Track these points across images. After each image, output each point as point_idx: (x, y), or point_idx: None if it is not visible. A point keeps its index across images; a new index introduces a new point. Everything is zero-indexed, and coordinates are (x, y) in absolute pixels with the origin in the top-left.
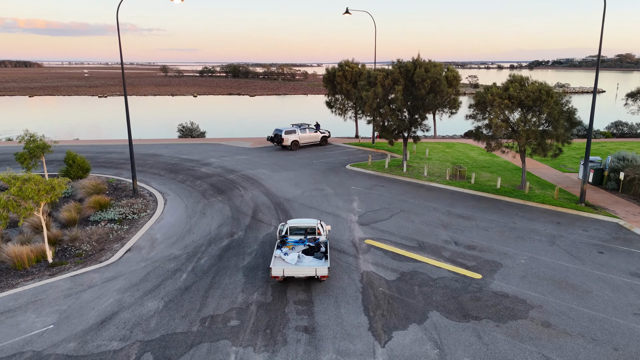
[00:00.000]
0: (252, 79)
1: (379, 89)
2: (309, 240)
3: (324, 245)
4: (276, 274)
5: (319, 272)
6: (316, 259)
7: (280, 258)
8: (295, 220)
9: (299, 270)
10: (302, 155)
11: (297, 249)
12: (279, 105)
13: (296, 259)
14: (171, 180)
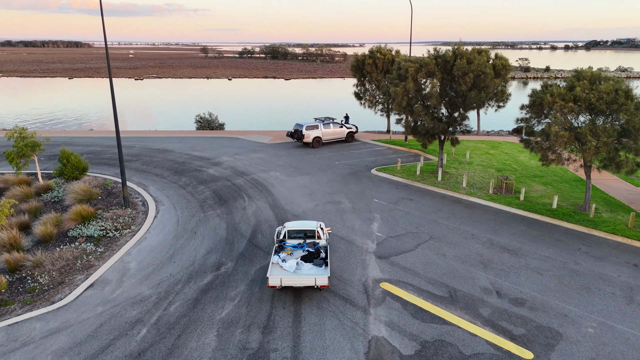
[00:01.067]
0: (290, 60)
1: (410, 84)
2: (308, 244)
3: (324, 251)
4: (273, 283)
5: (318, 281)
6: (316, 267)
7: (278, 265)
8: (294, 223)
9: (297, 280)
10: (324, 155)
11: (295, 255)
12: (312, 90)
13: (295, 267)
14: (172, 184)
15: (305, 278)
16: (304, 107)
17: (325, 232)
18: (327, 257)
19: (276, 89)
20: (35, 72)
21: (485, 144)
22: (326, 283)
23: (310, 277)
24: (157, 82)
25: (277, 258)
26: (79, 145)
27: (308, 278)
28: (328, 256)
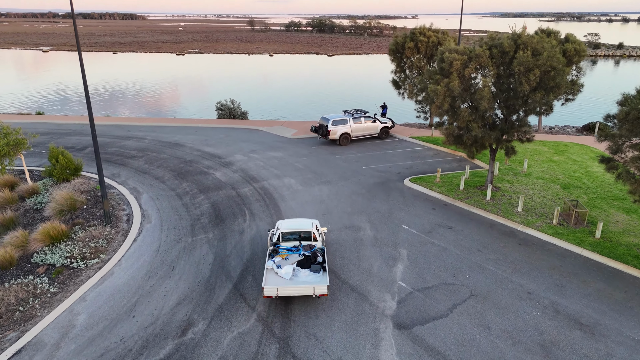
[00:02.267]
0: (337, 34)
1: (454, 82)
2: (304, 247)
3: (321, 254)
4: (269, 294)
5: (317, 290)
6: (313, 273)
7: (273, 271)
8: (288, 223)
9: (294, 289)
10: (351, 156)
11: (291, 259)
12: (354, 68)
13: (291, 273)
14: (170, 192)
15: (303, 287)
16: (341, 91)
17: (321, 232)
18: (325, 261)
19: (316, 68)
20: (83, 46)
21: (547, 147)
22: (325, 292)
23: (308, 285)
24: (196, 58)
25: (272, 263)
26: (87, 136)
27: (306, 287)
28: (326, 260)
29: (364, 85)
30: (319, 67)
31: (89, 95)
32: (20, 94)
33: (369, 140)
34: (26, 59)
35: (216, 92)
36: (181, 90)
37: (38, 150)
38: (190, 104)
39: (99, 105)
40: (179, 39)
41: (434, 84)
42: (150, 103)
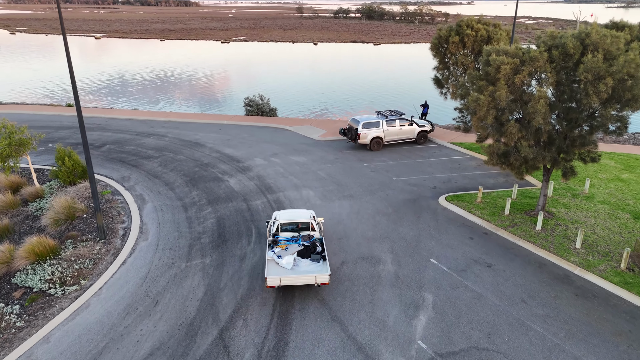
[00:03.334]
0: (386, 21)
1: (501, 91)
2: (302, 238)
3: (320, 244)
4: (272, 284)
5: (319, 279)
6: (314, 263)
7: (274, 262)
8: (286, 214)
9: (297, 279)
10: (381, 164)
11: (291, 249)
12: (399, 59)
13: (292, 263)
14: (176, 201)
15: (305, 276)
16: (381, 85)
17: (319, 222)
18: (324, 250)
19: (359, 58)
20: (134, 33)
21: (615, 161)
22: (327, 280)
23: (310, 274)
24: (240, 46)
25: (272, 254)
26: (109, 131)
27: (308, 276)
28: (325, 249)
29: (407, 79)
30: (363, 57)
31: (76, 87)
32: (58, 83)
33: (404, 145)
34: (76, 46)
35: (250, 85)
36: (215, 82)
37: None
38: (221, 97)
39: (128, 97)
40: (227, 26)
41: (477, 92)
42: (180, 95)
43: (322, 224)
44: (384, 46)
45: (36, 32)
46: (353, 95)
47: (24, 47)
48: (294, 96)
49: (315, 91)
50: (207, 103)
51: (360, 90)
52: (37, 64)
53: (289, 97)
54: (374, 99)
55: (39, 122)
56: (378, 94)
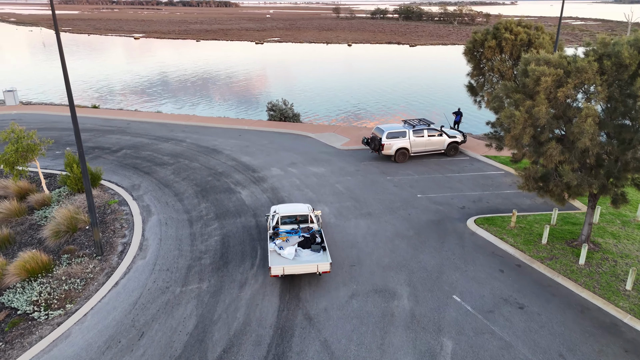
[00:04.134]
0: (425, 22)
1: (540, 107)
2: (302, 230)
3: (319, 235)
4: (276, 272)
5: (320, 268)
6: (314, 252)
7: (276, 253)
8: (285, 208)
9: (299, 268)
10: (406, 178)
11: (291, 241)
12: (434, 61)
13: (294, 253)
14: (183, 214)
15: (307, 265)
16: (414, 89)
17: (317, 215)
18: (324, 241)
19: (393, 60)
20: (171, 34)
21: None
22: (328, 269)
23: (312, 264)
24: (273, 47)
25: (274, 245)
26: (128, 135)
27: (310, 265)
28: (324, 240)
29: (440, 83)
30: (396, 59)
31: (69, 87)
32: (89, 83)
33: (433, 157)
34: (115, 46)
35: (277, 87)
36: (243, 84)
37: (73, 150)
38: (247, 99)
39: (154, 98)
40: (263, 27)
41: (512, 106)
42: (206, 97)
43: (320, 216)
44: (420, 48)
45: (79, 32)
46: (383, 99)
47: (64, 46)
48: (321, 100)
49: (343, 95)
50: (231, 106)
51: (391, 94)
52: (72, 63)
53: (316, 101)
54: (404, 104)
55: (61, 123)
56: (409, 99)
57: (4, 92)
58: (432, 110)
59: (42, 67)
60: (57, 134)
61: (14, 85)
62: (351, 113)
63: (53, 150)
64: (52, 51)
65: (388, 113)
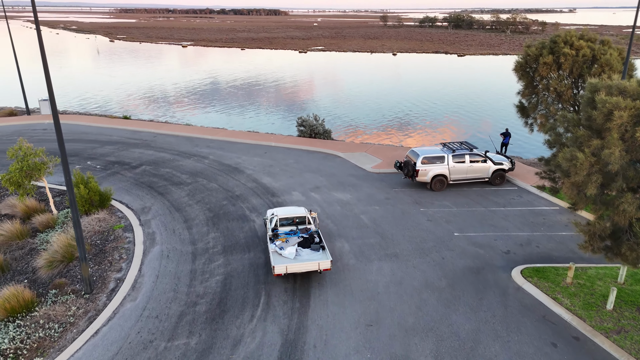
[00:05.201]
0: (476, 30)
1: (613, 149)
2: (301, 230)
3: (318, 235)
4: (279, 271)
5: (322, 266)
6: (314, 252)
7: (277, 253)
8: (284, 210)
9: (302, 266)
10: (442, 211)
11: (291, 241)
12: (483, 72)
13: (294, 253)
14: (188, 246)
15: (309, 263)
16: (456, 104)
17: (314, 217)
18: (322, 241)
19: (438, 71)
20: (218, 42)
21: None
22: (329, 266)
23: (313, 262)
24: (316, 56)
25: (274, 246)
26: (151, 149)
27: (312, 263)
28: (323, 240)
29: (487, 98)
30: (442, 70)
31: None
32: (128, 92)
33: (475, 186)
34: (160, 53)
35: (312, 98)
36: (279, 95)
37: (93, 165)
38: (280, 111)
39: (188, 107)
40: (308, 35)
41: (573, 145)
42: (240, 107)
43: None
44: (468, 58)
45: (132, 40)
46: (421, 114)
47: (115, 53)
48: (355, 113)
49: (380, 108)
50: (263, 117)
51: (431, 109)
52: (117, 70)
53: (350, 114)
54: (445, 120)
55: (89, 135)
56: (451, 115)
57: (40, 101)
58: (476, 129)
59: (89, 75)
60: (82, 146)
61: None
62: (387, 128)
63: (73, 164)
64: (104, 58)
65: (426, 131)
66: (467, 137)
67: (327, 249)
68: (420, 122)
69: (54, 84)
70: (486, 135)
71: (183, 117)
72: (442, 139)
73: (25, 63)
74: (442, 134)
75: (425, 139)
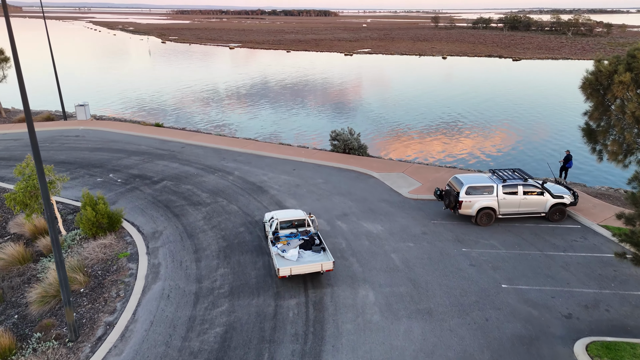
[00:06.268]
0: (534, 32)
1: None
2: (301, 233)
3: (318, 237)
4: (284, 273)
5: (324, 267)
6: (316, 253)
7: (280, 255)
8: (283, 213)
9: (305, 268)
10: (488, 253)
11: (292, 244)
12: (540, 81)
13: (297, 255)
14: (192, 285)
15: (312, 265)
16: (508, 117)
17: (313, 219)
18: (322, 242)
19: (491, 76)
20: (265, 44)
21: None
22: (331, 267)
23: (316, 263)
24: (362, 59)
25: (276, 249)
26: (176, 162)
27: (315, 265)
28: (323, 242)
29: (544, 112)
30: (495, 76)
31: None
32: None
33: (529, 221)
34: (205, 55)
35: (351, 105)
36: (317, 102)
37: (114, 178)
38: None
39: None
40: (356, 37)
41: None
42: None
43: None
44: (524, 62)
45: (182, 42)
46: (467, 127)
47: (164, 55)
48: (397, 122)
49: (422, 116)
50: (298, 128)
51: (477, 121)
52: (161, 72)
53: (391, 123)
54: (495, 136)
55: (118, 143)
56: (500, 130)
57: (76, 106)
58: (530, 148)
59: (135, 76)
60: (108, 156)
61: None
62: (424, 141)
63: (96, 176)
64: (153, 60)
65: (472, 153)
66: (518, 157)
67: (328, 250)
68: (464, 135)
69: (101, 86)
70: (541, 156)
71: (216, 123)
72: (489, 159)
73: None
74: (489, 153)
75: (468, 157)
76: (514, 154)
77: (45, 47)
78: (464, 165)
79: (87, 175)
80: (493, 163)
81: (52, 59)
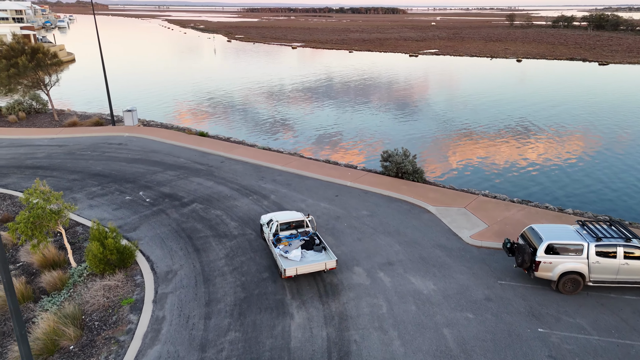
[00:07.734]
0: (623, 32)
1: None
2: (301, 234)
3: (317, 237)
4: (290, 273)
5: (328, 265)
6: (317, 253)
7: (283, 256)
8: (282, 215)
9: (310, 267)
10: (575, 337)
11: (294, 245)
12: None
13: (300, 255)
14: (195, 352)
15: (316, 264)
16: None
17: (311, 219)
18: (322, 242)
19: (574, 83)
20: (328, 43)
21: None
22: (335, 265)
23: (320, 262)
24: (428, 60)
25: (279, 250)
26: (212, 180)
27: (319, 264)
28: (323, 241)
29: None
30: (578, 82)
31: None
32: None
33: (631, 292)
34: (267, 55)
35: (410, 119)
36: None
37: (144, 196)
38: (367, 137)
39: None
40: (423, 36)
41: None
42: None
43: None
44: (612, 67)
45: (247, 40)
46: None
47: (227, 53)
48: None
49: (489, 131)
50: (346, 143)
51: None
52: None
53: (450, 134)
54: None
55: (158, 154)
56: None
57: (124, 111)
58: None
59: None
60: (144, 169)
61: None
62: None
63: (124, 195)
64: (217, 59)
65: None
66: (607, 190)
67: (329, 249)
68: (540, 160)
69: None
70: None
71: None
72: (576, 190)
73: (140, 64)
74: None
75: (545, 186)
76: (602, 187)
77: (114, 46)
78: (539, 201)
79: (117, 192)
80: (573, 200)
81: (102, 62)
